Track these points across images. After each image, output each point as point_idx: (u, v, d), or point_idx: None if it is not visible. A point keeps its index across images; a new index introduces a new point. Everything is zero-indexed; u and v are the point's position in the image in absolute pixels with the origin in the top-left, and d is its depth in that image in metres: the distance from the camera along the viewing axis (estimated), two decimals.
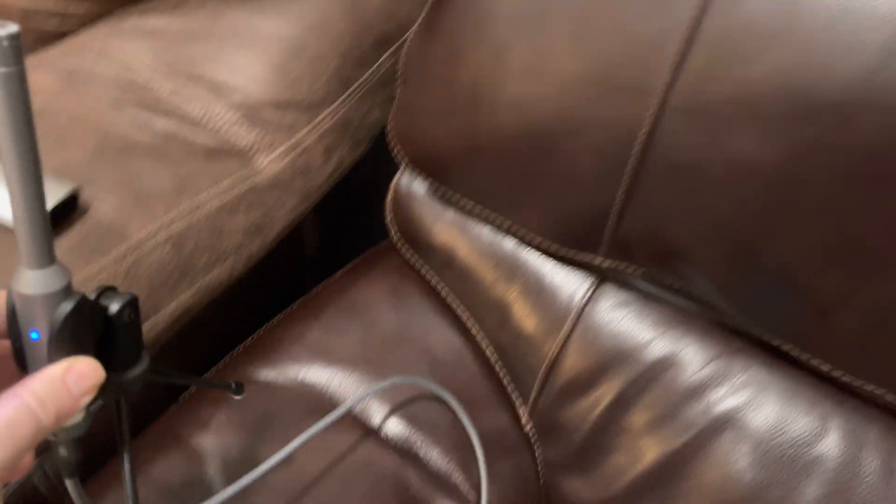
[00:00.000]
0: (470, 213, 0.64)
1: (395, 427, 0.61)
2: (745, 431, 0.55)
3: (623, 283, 0.61)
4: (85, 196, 0.55)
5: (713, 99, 0.46)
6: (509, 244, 0.64)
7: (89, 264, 0.53)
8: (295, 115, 0.66)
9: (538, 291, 0.62)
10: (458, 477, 0.60)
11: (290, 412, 0.59)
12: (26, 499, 0.56)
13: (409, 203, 0.69)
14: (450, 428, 0.62)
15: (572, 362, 0.61)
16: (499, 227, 0.63)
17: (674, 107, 0.47)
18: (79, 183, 0.54)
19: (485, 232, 0.64)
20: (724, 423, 0.56)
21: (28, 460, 0.32)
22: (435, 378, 0.64)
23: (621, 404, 0.58)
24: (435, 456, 0.60)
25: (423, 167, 0.65)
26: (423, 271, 0.69)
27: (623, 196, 0.52)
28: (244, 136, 0.64)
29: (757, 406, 0.55)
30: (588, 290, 0.61)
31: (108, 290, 0.31)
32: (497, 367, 0.66)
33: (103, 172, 0.57)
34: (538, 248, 0.62)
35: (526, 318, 0.63)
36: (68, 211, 0.53)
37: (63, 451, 0.32)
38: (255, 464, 0.55)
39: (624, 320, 0.60)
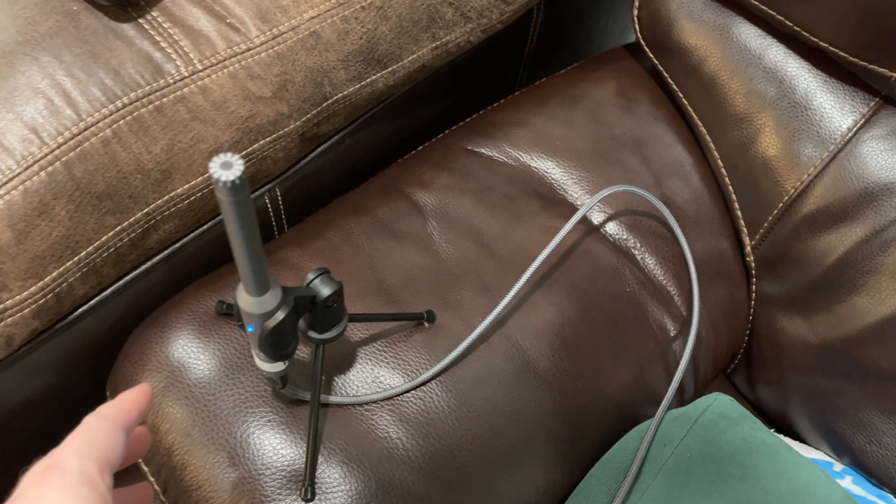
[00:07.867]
0: (740, 10, 0.57)
1: (614, 228, 0.58)
2: None
3: None
4: None
5: None
6: (777, 54, 0.57)
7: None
8: None
9: (800, 112, 0.56)
10: (672, 290, 0.57)
11: (510, 189, 0.57)
12: None
13: None
14: (668, 241, 0.58)
15: (825, 191, 0.55)
16: (775, 30, 0.56)
17: None
18: None
19: (751, 36, 0.58)
20: None
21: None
22: (657, 191, 0.60)
23: (879, 241, 0.52)
24: (651, 263, 0.57)
25: None
26: (665, 76, 0.63)
27: None
28: None
29: None
30: (863, 115, 0.54)
31: (322, 275, 0.38)
32: (727, 192, 0.61)
33: None
34: (817, 60, 0.55)
35: (776, 141, 0.57)
36: None
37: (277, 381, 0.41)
38: (472, 229, 0.54)
39: None
